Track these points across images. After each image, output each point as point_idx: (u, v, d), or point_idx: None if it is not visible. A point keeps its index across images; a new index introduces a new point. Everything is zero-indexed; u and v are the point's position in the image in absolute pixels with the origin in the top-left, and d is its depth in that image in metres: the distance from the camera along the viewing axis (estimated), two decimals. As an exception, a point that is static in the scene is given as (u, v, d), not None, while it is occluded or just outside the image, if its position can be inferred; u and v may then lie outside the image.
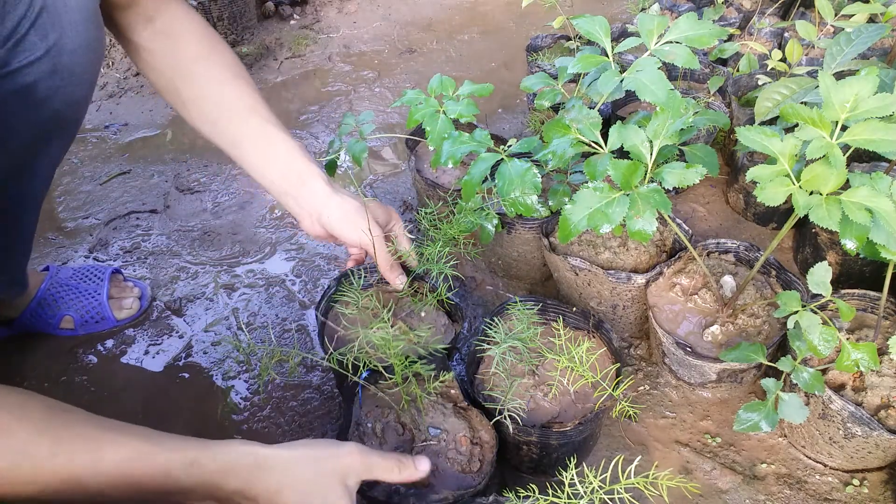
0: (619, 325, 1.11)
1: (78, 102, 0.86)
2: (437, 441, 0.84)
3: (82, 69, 0.81)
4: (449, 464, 0.83)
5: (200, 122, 0.95)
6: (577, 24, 0.97)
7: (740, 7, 1.77)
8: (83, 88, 0.85)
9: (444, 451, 0.84)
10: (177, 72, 0.93)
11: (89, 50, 0.81)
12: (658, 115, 0.87)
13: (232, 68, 0.95)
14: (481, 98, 1.17)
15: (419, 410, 0.87)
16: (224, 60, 0.95)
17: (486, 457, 0.84)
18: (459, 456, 0.83)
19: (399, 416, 0.87)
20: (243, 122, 0.93)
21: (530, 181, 0.97)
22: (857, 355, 0.80)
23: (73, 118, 0.88)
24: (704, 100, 1.35)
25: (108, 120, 1.72)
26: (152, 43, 0.91)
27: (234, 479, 0.66)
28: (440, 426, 0.86)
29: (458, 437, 0.85)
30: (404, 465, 0.75)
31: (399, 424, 0.86)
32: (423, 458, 0.77)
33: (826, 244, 1.11)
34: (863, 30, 0.94)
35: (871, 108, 0.71)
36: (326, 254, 1.32)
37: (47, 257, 1.33)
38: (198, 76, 0.93)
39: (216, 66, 0.94)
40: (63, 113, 0.83)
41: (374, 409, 0.88)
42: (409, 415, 0.86)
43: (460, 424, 0.86)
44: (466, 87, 1.10)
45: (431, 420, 0.86)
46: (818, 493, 0.93)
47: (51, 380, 1.10)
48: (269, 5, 2.11)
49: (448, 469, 0.82)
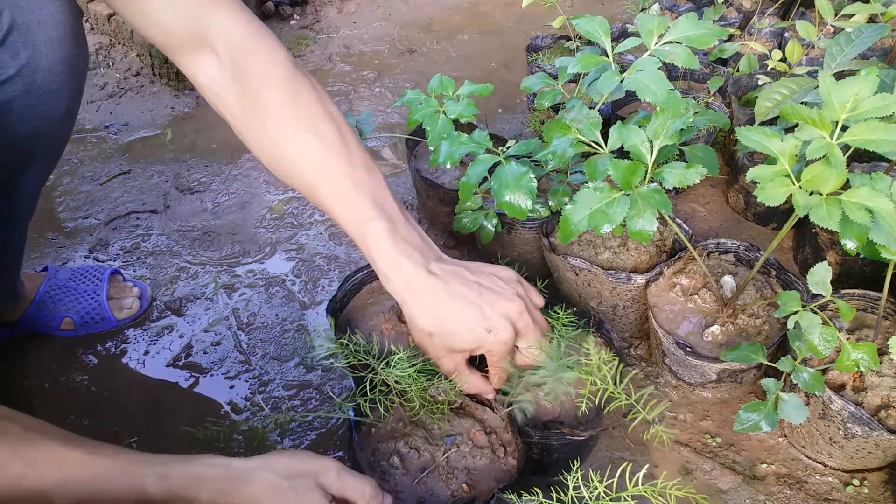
0: (619, 325, 1.11)
1: (59, 119, 0.83)
2: (457, 447, 0.84)
3: (60, 87, 0.79)
4: (477, 460, 0.83)
5: (279, 174, 0.82)
6: (577, 24, 0.97)
7: (740, 7, 1.77)
8: (63, 105, 0.82)
9: (467, 453, 0.84)
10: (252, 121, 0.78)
11: (67, 68, 0.79)
12: (658, 115, 0.87)
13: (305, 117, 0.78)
14: (481, 98, 1.17)
15: (426, 427, 0.86)
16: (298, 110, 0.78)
17: (506, 439, 0.84)
18: (483, 450, 0.83)
19: (407, 441, 0.85)
20: (311, 188, 0.79)
21: (526, 186, 0.96)
22: (857, 355, 0.80)
23: (56, 135, 0.85)
24: (704, 100, 1.35)
25: (108, 120, 1.72)
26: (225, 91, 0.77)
27: (206, 492, 0.66)
28: (449, 432, 0.86)
29: (472, 434, 0.85)
30: (375, 495, 0.72)
31: (414, 449, 0.84)
32: (388, 494, 0.75)
33: (826, 244, 1.11)
34: (863, 30, 0.94)
35: (871, 108, 0.71)
36: (326, 254, 1.32)
37: (47, 257, 1.33)
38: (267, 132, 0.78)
39: (288, 119, 0.77)
40: (43, 130, 0.81)
41: (377, 445, 0.86)
42: (415, 437, 0.85)
43: (466, 423, 0.86)
44: (466, 88, 1.10)
45: (438, 431, 0.86)
46: (818, 493, 0.93)
47: (51, 380, 1.10)
48: (269, 5, 2.11)
49: (480, 465, 0.82)
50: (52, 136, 0.84)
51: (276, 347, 1.16)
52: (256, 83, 0.76)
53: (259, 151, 0.80)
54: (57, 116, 0.82)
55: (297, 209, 1.43)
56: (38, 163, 0.88)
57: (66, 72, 0.79)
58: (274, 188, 1.48)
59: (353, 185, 0.77)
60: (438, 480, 0.82)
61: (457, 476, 0.82)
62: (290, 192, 1.47)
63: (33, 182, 0.90)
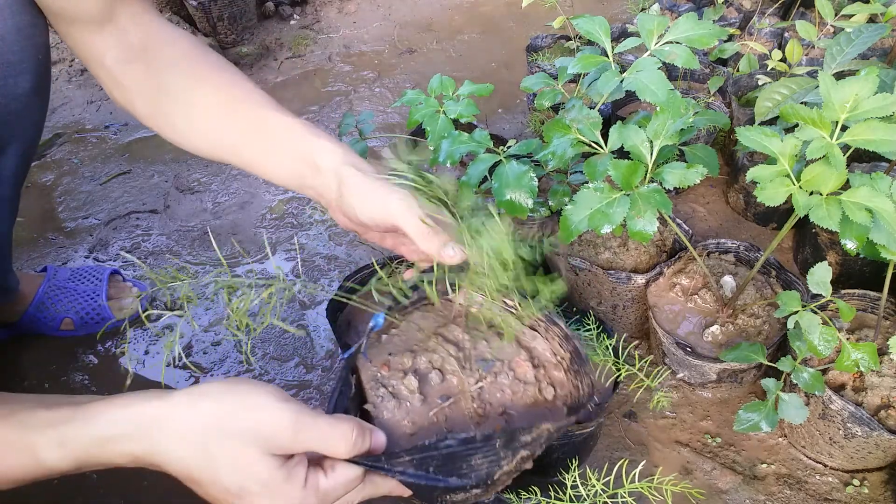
0: (619, 325, 1.11)
1: (25, 95, 0.80)
2: (494, 375, 0.66)
3: (18, 57, 0.77)
4: (517, 397, 0.65)
5: (193, 138, 0.80)
6: (577, 24, 0.97)
7: (740, 7, 1.77)
8: (27, 79, 0.79)
9: (506, 386, 0.65)
10: (160, 87, 0.79)
11: (22, 36, 0.76)
12: (658, 115, 0.87)
13: (213, 63, 0.81)
14: (481, 98, 1.17)
15: (458, 343, 0.68)
16: (206, 59, 0.81)
17: (556, 378, 0.66)
18: (526, 386, 0.66)
19: (431, 358, 0.66)
20: (233, 117, 0.78)
21: (527, 185, 0.96)
22: (857, 355, 0.80)
23: (25, 113, 0.82)
24: (704, 100, 1.35)
25: (108, 120, 1.72)
26: (131, 64, 0.78)
27: (119, 455, 0.55)
28: (485, 356, 0.68)
29: (514, 363, 0.68)
30: (362, 434, 0.58)
31: (437, 370, 0.66)
32: (378, 430, 0.60)
33: (826, 244, 1.11)
34: (863, 30, 0.94)
35: (871, 108, 0.71)
36: (326, 254, 1.32)
37: (47, 257, 1.33)
38: (178, 84, 0.79)
39: (198, 66, 0.80)
40: (9, 108, 0.78)
41: (388, 358, 0.68)
42: (440, 353, 0.67)
43: (509, 348, 0.70)
44: (466, 87, 1.10)
45: (477, 352, 0.68)
46: (818, 493, 0.93)
47: (51, 380, 1.10)
48: (269, 5, 2.11)
49: (520, 406, 0.64)
50: (21, 114, 0.82)
51: (276, 347, 1.16)
52: (167, 48, 0.79)
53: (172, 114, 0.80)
54: (22, 92, 0.80)
55: (297, 209, 1.43)
56: (13, 146, 0.86)
57: (22, 40, 0.76)
58: (274, 188, 1.48)
59: (273, 101, 0.78)
60: (463, 416, 0.64)
61: (488, 414, 0.65)
62: (290, 193, 1.46)
63: (11, 170, 0.88)
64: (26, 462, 0.54)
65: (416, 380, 0.66)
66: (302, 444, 0.56)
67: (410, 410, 0.65)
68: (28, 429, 0.55)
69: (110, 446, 0.55)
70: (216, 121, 0.79)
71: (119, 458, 0.55)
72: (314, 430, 0.56)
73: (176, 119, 0.80)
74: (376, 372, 0.67)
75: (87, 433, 0.55)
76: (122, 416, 0.56)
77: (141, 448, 0.55)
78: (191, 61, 0.80)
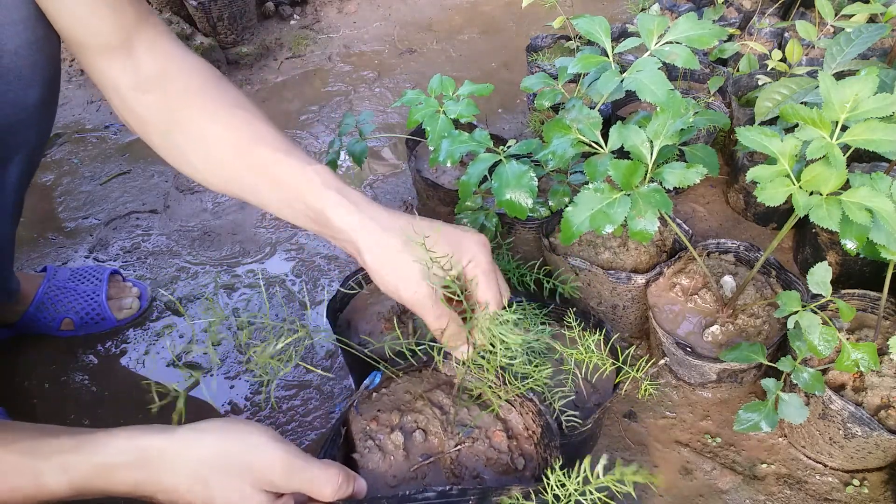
0: (619, 325, 1.11)
1: (34, 106, 0.80)
2: (472, 441, 0.71)
3: (31, 71, 0.77)
4: (490, 466, 0.70)
5: (206, 175, 0.80)
6: (577, 24, 0.97)
7: (740, 7, 1.77)
8: (37, 91, 0.80)
9: (481, 453, 0.70)
10: (173, 120, 0.79)
11: (35, 50, 0.76)
12: (658, 115, 0.87)
13: (229, 101, 0.79)
14: (481, 98, 1.17)
15: (441, 406, 0.73)
16: (222, 94, 0.79)
17: (527, 451, 0.71)
18: (500, 455, 0.71)
19: (416, 418, 0.72)
20: (246, 160, 0.77)
21: (527, 184, 0.96)
22: (857, 355, 0.80)
23: (33, 123, 0.82)
24: (704, 100, 1.35)
25: (108, 120, 1.72)
26: (145, 94, 0.78)
27: (119, 484, 0.58)
28: (465, 422, 0.73)
29: (491, 433, 0.72)
30: (347, 480, 0.62)
31: (421, 430, 0.71)
32: (361, 478, 0.65)
33: (826, 244, 1.11)
34: (863, 30, 0.94)
35: (871, 109, 0.71)
36: (326, 254, 1.32)
37: (47, 257, 1.33)
38: (192, 121, 0.78)
39: (212, 102, 0.79)
40: (19, 117, 0.79)
41: (378, 414, 0.73)
42: (425, 415, 0.72)
43: (487, 418, 0.75)
44: (466, 88, 1.10)
45: (459, 418, 0.73)
46: (818, 493, 0.93)
47: (51, 380, 1.10)
48: (269, 5, 2.11)
49: (491, 474, 0.69)
50: (29, 124, 0.82)
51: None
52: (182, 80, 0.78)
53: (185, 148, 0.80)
54: (32, 103, 0.80)
55: (297, 209, 1.43)
56: (19, 154, 0.85)
57: (35, 54, 0.76)
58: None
59: (287, 143, 0.77)
60: (441, 474, 0.69)
61: (463, 476, 0.70)
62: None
63: (16, 176, 0.88)
64: (28, 486, 0.57)
65: (401, 436, 0.71)
66: (292, 485, 0.61)
67: (393, 464, 0.70)
68: (33, 455, 0.58)
69: (113, 473, 0.58)
70: (230, 162, 0.78)
71: (120, 486, 0.59)
72: (305, 472, 0.61)
73: (189, 155, 0.80)
74: (366, 425, 0.72)
75: (92, 461, 0.58)
76: (127, 446, 0.60)
77: (143, 475, 0.59)
78: (205, 96, 0.79)
